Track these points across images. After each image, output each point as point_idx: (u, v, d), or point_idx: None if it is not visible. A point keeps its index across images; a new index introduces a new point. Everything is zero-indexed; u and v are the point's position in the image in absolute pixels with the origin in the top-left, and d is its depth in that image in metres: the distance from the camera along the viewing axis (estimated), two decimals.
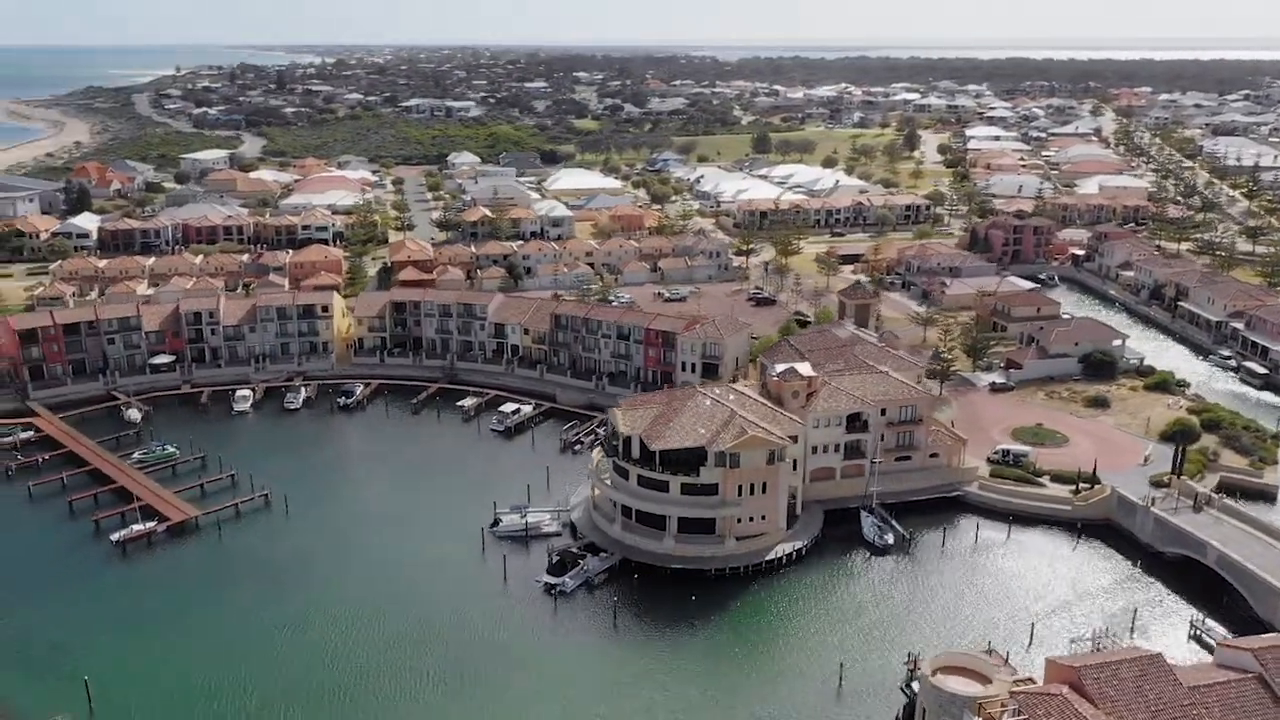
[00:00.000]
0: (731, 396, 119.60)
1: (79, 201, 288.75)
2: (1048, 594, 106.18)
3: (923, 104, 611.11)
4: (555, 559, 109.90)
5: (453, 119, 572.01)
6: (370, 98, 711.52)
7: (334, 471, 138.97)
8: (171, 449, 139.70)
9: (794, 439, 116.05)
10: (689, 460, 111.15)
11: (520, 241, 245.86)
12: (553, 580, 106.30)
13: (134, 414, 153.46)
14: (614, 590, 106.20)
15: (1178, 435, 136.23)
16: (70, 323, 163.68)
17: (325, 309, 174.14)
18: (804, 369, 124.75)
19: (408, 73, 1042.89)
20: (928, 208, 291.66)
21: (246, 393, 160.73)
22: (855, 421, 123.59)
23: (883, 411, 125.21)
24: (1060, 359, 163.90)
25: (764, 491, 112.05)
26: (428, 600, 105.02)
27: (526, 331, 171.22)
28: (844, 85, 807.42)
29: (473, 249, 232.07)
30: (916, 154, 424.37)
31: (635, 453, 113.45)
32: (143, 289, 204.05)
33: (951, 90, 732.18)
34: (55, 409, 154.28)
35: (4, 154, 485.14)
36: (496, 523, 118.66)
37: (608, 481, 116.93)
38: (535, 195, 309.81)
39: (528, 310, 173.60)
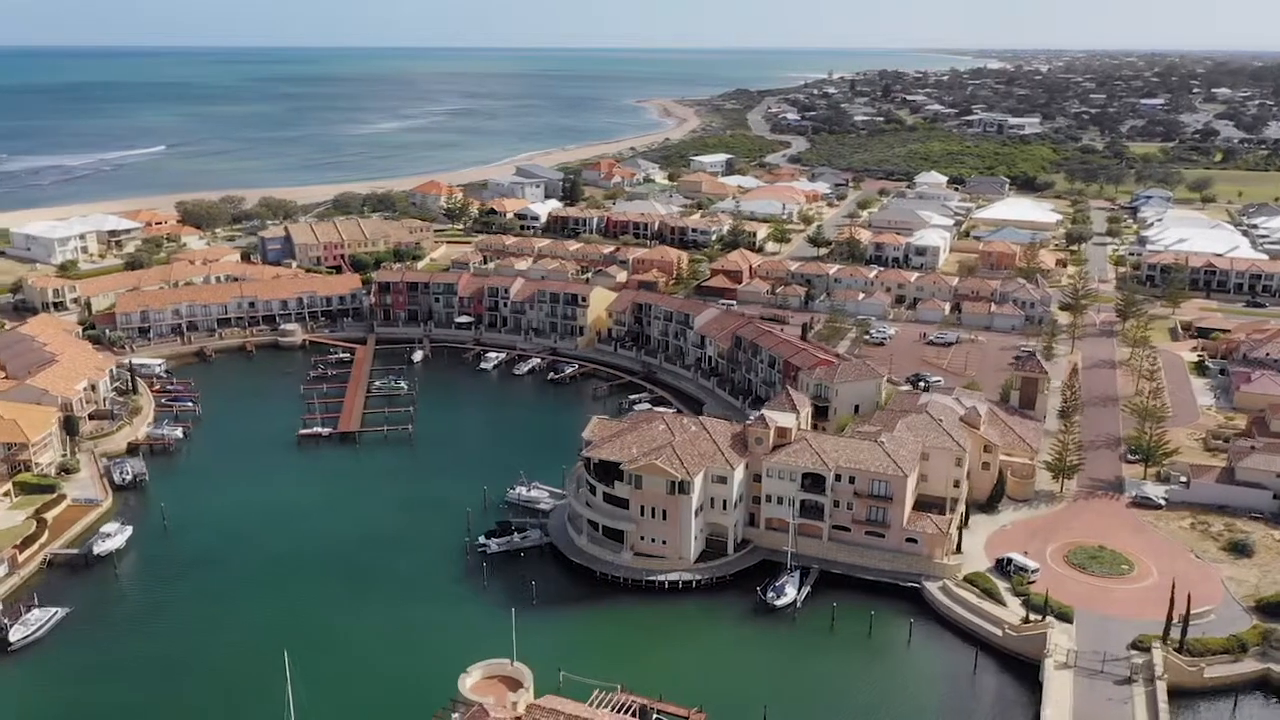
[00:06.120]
0: (693, 428, 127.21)
1: (571, 191, 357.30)
2: (847, 695, 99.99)
3: None
4: (496, 525, 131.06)
5: (1000, 135, 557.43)
6: (948, 110, 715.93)
7: (478, 423, 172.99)
8: (400, 384, 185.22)
9: (721, 480, 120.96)
10: (612, 474, 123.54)
11: (873, 266, 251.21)
12: (481, 541, 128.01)
13: (418, 355, 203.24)
14: (523, 565, 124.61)
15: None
16: (412, 281, 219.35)
17: (584, 300, 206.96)
18: (781, 419, 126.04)
19: (1031, 83, 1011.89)
20: None
21: (495, 355, 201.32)
22: (816, 482, 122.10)
23: (851, 480, 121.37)
24: (1249, 488, 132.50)
25: (664, 518, 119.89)
26: (409, 526, 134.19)
27: (718, 346, 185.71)
28: None
29: (792, 266, 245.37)
30: None
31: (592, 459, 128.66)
32: (522, 264, 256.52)
33: None
34: (380, 341, 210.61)
35: (611, 145, 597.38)
36: (509, 490, 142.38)
37: (579, 484, 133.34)
38: (942, 221, 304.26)
39: (726, 325, 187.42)
